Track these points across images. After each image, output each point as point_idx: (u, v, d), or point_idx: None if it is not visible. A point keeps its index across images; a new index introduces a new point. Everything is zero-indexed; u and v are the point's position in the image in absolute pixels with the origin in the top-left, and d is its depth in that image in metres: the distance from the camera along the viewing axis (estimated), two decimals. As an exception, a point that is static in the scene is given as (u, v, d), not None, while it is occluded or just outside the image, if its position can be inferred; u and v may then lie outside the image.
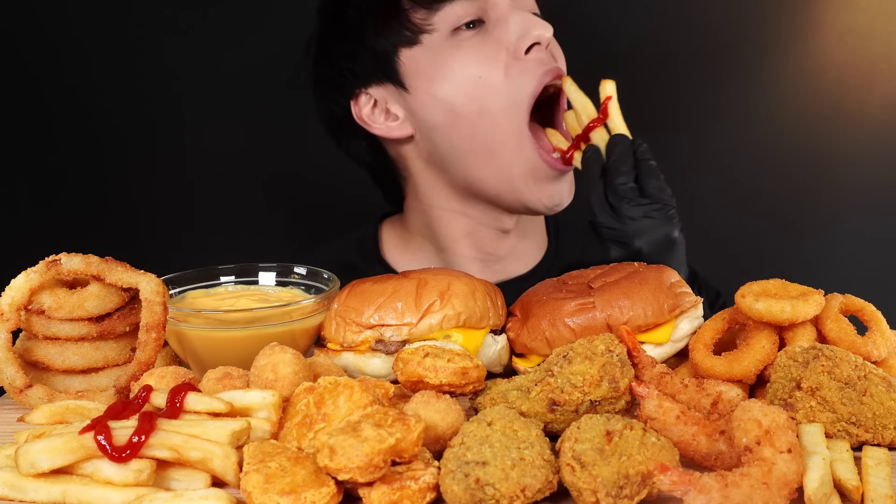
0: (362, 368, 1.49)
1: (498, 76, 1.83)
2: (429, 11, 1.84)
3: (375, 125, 1.97)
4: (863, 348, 1.34)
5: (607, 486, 1.05)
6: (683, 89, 2.57)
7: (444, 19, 1.84)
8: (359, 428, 1.08)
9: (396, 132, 1.96)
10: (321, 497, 1.06)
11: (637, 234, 1.68)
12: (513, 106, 1.85)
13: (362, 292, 1.53)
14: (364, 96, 1.97)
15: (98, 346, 1.45)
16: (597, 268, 1.60)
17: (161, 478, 1.14)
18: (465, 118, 1.86)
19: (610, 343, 1.31)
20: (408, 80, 1.90)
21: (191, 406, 1.21)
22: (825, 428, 1.20)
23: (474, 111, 1.85)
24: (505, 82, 1.84)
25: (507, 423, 1.15)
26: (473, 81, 1.84)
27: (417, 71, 1.87)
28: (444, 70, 1.85)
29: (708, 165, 2.56)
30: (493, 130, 1.86)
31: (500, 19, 1.85)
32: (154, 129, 2.58)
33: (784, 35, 2.52)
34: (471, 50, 1.84)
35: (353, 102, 1.98)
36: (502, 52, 1.84)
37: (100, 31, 2.50)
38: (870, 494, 1.08)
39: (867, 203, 2.60)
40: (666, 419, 1.19)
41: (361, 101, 1.97)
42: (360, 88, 1.96)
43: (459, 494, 1.06)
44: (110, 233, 2.59)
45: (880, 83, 2.53)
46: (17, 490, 1.13)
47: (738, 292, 1.37)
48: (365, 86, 1.96)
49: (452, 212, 2.01)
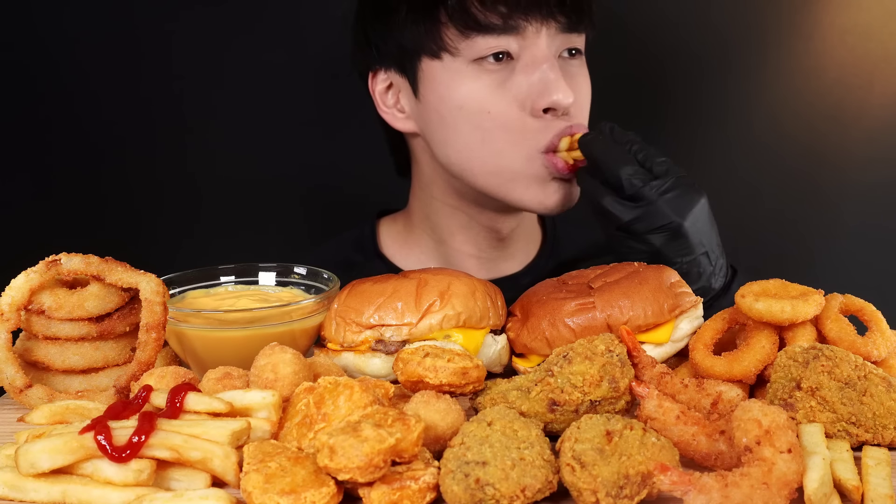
0: (362, 368, 1.49)
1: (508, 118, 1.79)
2: (461, 35, 1.77)
3: (384, 108, 1.96)
4: (863, 348, 1.34)
5: (607, 486, 1.05)
6: (683, 89, 2.57)
7: (472, 47, 1.77)
8: (359, 428, 1.08)
9: (400, 124, 1.96)
10: (321, 497, 1.06)
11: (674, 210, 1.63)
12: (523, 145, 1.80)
13: (362, 292, 1.53)
14: (383, 74, 1.94)
15: (98, 346, 1.45)
16: (597, 268, 1.60)
17: (161, 478, 1.14)
18: (466, 143, 1.83)
19: (610, 343, 1.31)
20: (421, 86, 1.86)
21: (191, 406, 1.21)
22: (825, 428, 1.20)
23: (477, 140, 1.81)
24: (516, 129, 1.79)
25: (507, 423, 1.15)
26: (482, 116, 1.79)
27: (433, 83, 1.83)
28: (456, 95, 1.80)
29: (708, 165, 2.55)
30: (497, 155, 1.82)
31: (528, 66, 1.77)
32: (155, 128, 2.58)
33: (784, 35, 2.52)
34: (488, 85, 1.78)
35: (371, 75, 1.96)
36: (517, 99, 1.78)
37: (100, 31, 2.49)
38: (870, 494, 1.08)
39: (868, 203, 2.60)
40: (666, 419, 1.19)
41: (380, 77, 1.95)
42: (380, 67, 1.94)
43: (459, 494, 1.06)
44: (111, 233, 2.59)
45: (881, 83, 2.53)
46: (17, 490, 1.13)
47: (738, 292, 1.37)
48: (386, 67, 1.93)
49: (451, 206, 2.02)
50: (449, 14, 1.77)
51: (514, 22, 1.74)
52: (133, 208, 2.62)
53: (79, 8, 2.46)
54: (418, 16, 1.81)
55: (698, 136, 2.59)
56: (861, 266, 2.62)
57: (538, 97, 1.76)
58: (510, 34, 1.76)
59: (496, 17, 1.74)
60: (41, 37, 2.48)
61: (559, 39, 1.81)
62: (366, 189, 2.21)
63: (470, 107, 1.80)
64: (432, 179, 2.01)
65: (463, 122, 1.81)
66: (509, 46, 1.77)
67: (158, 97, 2.55)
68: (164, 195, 2.62)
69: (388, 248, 2.14)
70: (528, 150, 1.81)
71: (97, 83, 2.53)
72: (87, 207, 2.60)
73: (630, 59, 2.45)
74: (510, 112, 1.79)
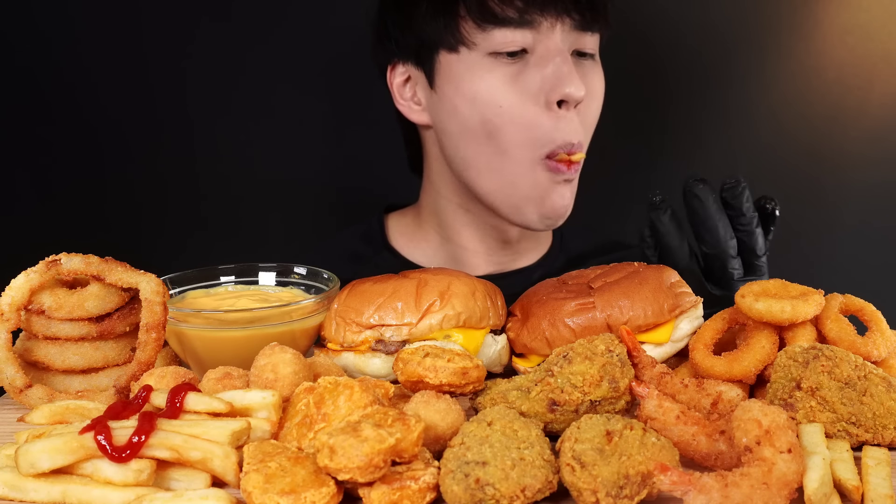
0: (362, 368, 1.49)
1: (518, 113, 1.81)
2: (478, 28, 1.80)
3: (401, 100, 2.00)
4: (863, 348, 1.34)
5: (607, 486, 1.05)
6: (684, 89, 2.57)
7: (488, 40, 1.80)
8: (359, 428, 1.08)
9: (415, 116, 1.99)
10: (321, 497, 1.06)
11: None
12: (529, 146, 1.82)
13: (362, 292, 1.53)
14: (401, 67, 1.98)
15: (98, 346, 1.45)
16: (597, 268, 1.60)
17: (161, 478, 1.14)
18: (475, 136, 1.85)
19: (610, 343, 1.31)
20: (438, 79, 1.89)
21: (191, 406, 1.21)
22: (825, 428, 1.20)
23: (485, 133, 1.84)
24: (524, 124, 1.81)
25: (507, 423, 1.15)
26: (494, 110, 1.81)
27: (449, 76, 1.86)
28: (469, 87, 1.83)
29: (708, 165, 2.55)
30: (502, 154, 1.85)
31: (542, 59, 1.80)
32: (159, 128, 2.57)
33: (784, 35, 2.52)
34: (501, 78, 1.81)
35: (390, 68, 1.99)
36: (531, 92, 1.80)
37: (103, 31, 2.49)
38: (870, 494, 1.08)
39: (868, 203, 2.60)
40: (666, 419, 1.19)
41: (398, 70, 1.99)
42: (399, 60, 1.97)
43: (459, 494, 1.06)
44: (113, 233, 2.59)
45: (881, 83, 2.53)
46: (17, 490, 1.13)
47: (738, 292, 1.37)
48: (404, 60, 1.97)
49: (456, 204, 2.03)
50: (467, 7, 1.81)
51: (529, 16, 1.78)
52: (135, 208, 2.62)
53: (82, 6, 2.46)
54: (438, 9, 1.84)
55: (698, 135, 2.60)
56: (861, 266, 2.62)
57: (551, 90, 1.79)
58: (525, 28, 1.79)
59: (512, 11, 1.78)
60: (46, 38, 2.48)
61: (573, 37, 1.83)
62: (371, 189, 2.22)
63: (483, 98, 1.82)
64: (441, 175, 2.03)
65: (475, 113, 1.84)
66: (524, 41, 1.80)
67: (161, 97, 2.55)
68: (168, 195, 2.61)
69: (396, 241, 2.17)
70: (532, 153, 1.82)
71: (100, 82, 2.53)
72: (87, 207, 2.59)
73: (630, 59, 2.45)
74: (521, 107, 1.81)
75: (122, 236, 2.58)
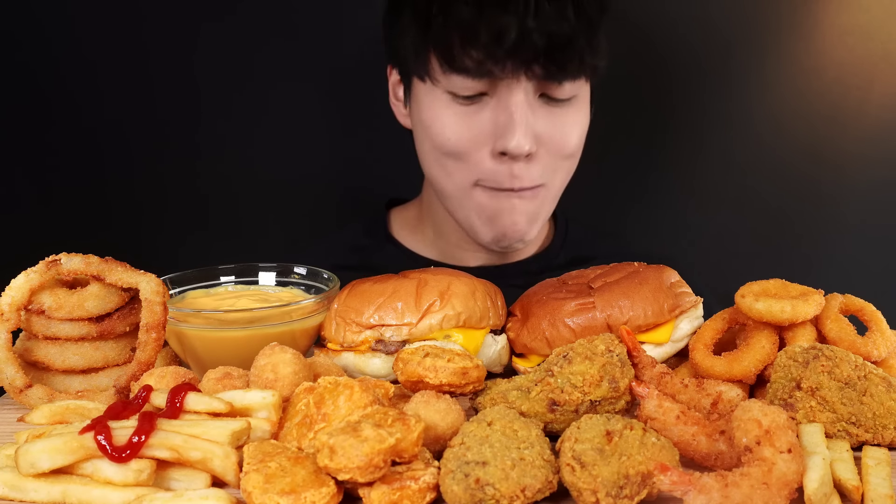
0: (362, 368, 1.49)
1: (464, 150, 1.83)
2: (440, 69, 1.81)
3: (394, 99, 2.06)
4: (863, 348, 1.34)
5: (607, 486, 1.05)
6: (684, 89, 2.57)
7: (449, 81, 1.80)
8: (359, 428, 1.08)
9: (401, 118, 2.05)
10: (321, 497, 1.06)
11: None
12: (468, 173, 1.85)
13: (362, 292, 1.53)
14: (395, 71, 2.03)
15: (98, 346, 1.45)
16: (597, 268, 1.60)
17: (161, 478, 1.14)
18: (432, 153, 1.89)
19: (610, 343, 1.31)
20: (411, 95, 1.95)
21: (191, 406, 1.21)
22: (825, 428, 1.20)
23: (435, 159, 1.89)
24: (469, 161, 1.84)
25: (507, 423, 1.15)
26: (442, 141, 1.85)
27: (416, 98, 1.92)
28: (427, 115, 1.86)
29: (708, 165, 2.55)
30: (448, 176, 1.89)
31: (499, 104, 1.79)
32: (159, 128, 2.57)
33: (784, 35, 2.52)
34: (453, 117, 1.83)
35: (389, 67, 2.04)
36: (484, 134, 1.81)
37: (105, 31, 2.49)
38: (870, 494, 1.08)
39: (867, 203, 2.60)
40: (666, 419, 1.19)
41: (394, 72, 2.03)
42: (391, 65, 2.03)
43: (459, 494, 1.06)
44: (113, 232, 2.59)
45: (881, 83, 2.53)
46: (17, 490, 1.13)
47: (738, 292, 1.37)
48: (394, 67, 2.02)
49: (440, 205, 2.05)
50: (434, 48, 1.81)
51: (488, 68, 1.76)
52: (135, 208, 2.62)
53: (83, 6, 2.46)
54: (417, 41, 1.86)
55: (698, 136, 2.59)
56: (861, 266, 2.62)
57: (496, 139, 1.80)
58: (485, 77, 1.78)
59: (471, 62, 1.76)
60: (46, 37, 2.48)
61: (541, 86, 1.81)
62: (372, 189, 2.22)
63: (435, 130, 1.85)
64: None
65: (427, 138, 1.88)
66: (483, 86, 1.79)
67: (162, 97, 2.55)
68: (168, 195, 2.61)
69: (398, 234, 2.20)
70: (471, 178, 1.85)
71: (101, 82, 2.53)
72: (87, 207, 2.59)
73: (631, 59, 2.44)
74: (469, 145, 1.83)
75: (122, 236, 2.58)
